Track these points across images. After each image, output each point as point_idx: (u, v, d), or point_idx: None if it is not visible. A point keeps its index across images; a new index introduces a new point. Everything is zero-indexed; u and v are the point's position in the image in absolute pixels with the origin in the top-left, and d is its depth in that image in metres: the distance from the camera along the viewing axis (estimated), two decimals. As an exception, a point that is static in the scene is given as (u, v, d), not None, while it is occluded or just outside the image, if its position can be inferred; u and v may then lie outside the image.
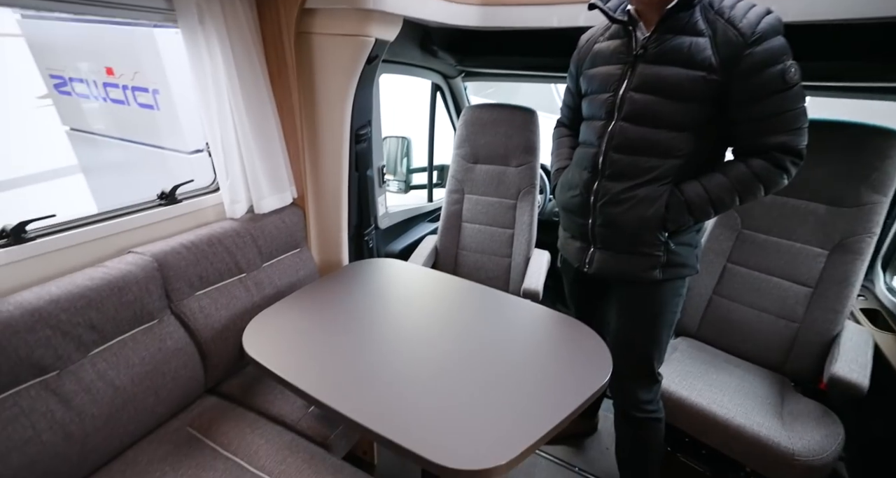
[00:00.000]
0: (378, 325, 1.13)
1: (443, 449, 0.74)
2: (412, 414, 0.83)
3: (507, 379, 0.93)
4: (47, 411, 0.84)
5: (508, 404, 0.86)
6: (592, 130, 1.05)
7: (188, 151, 1.76)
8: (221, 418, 1.10)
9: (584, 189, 1.05)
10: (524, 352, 1.03)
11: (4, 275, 0.84)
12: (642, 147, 0.96)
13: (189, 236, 1.14)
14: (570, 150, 1.22)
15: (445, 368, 0.96)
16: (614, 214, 1.01)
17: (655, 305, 1.07)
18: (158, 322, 1.05)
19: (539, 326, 1.15)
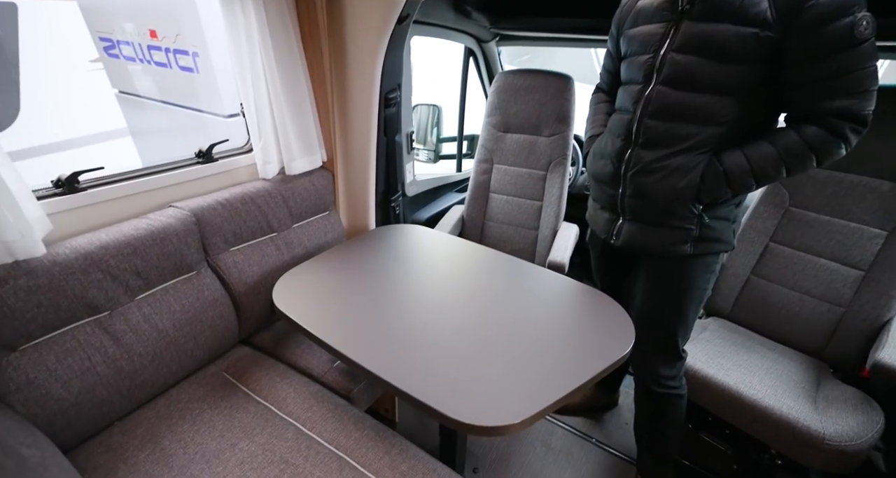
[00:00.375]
0: (403, 286, 1.15)
1: (459, 406, 0.76)
2: (432, 372, 0.85)
3: (526, 344, 0.93)
4: (101, 347, 0.93)
5: (526, 368, 0.87)
6: (628, 95, 0.99)
7: (225, 114, 1.81)
8: (254, 367, 1.17)
9: (615, 158, 1.00)
10: (546, 319, 1.03)
11: (60, 221, 0.91)
12: (680, 113, 0.90)
13: (224, 194, 1.19)
14: (606, 116, 1.16)
15: (466, 330, 0.98)
16: (645, 184, 0.96)
17: (684, 281, 1.02)
18: (196, 274, 1.12)
19: (563, 295, 1.13)
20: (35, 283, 0.82)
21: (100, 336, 0.93)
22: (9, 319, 0.79)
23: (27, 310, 0.82)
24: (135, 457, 0.91)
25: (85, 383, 0.90)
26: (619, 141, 1.00)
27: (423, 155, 2.21)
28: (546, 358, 0.90)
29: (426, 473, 0.91)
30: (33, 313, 0.83)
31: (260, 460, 0.92)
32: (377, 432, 1.00)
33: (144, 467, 0.89)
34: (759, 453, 1.23)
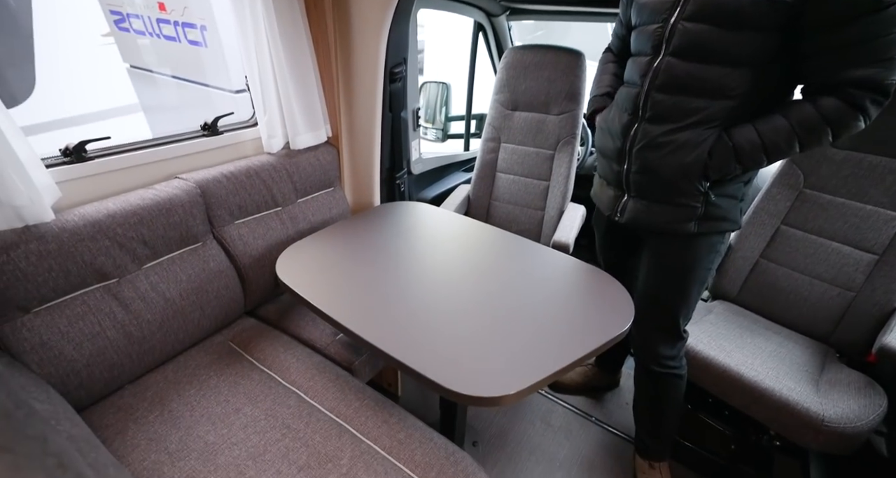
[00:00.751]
0: (406, 262, 1.16)
1: (457, 377, 0.77)
2: (432, 345, 0.86)
3: (526, 319, 0.94)
4: (110, 312, 0.96)
5: (524, 342, 0.88)
6: (637, 68, 0.95)
7: (233, 90, 1.81)
8: (258, 338, 1.20)
9: (621, 132, 0.98)
10: (546, 296, 1.03)
11: (68, 190, 0.93)
12: (689, 85, 0.86)
13: (229, 167, 1.20)
14: (613, 77, 1.13)
15: (467, 304, 0.99)
16: (651, 160, 0.94)
17: (688, 260, 1.01)
18: (202, 245, 1.14)
19: (564, 273, 1.13)
20: (45, 248, 0.85)
21: (109, 302, 0.96)
22: (21, 282, 0.82)
23: (38, 274, 0.85)
24: (144, 417, 0.95)
25: (96, 346, 0.93)
26: (625, 115, 0.97)
27: (432, 134, 2.19)
28: (544, 333, 0.90)
29: (423, 441, 0.93)
30: (44, 277, 0.85)
31: (263, 425, 0.95)
32: (377, 403, 1.02)
33: (154, 427, 0.93)
34: (757, 434, 1.23)
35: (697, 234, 0.97)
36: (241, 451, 0.89)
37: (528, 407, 1.54)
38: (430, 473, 0.87)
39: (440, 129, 2.19)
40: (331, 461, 0.88)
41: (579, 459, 1.37)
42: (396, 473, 0.86)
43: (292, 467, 0.86)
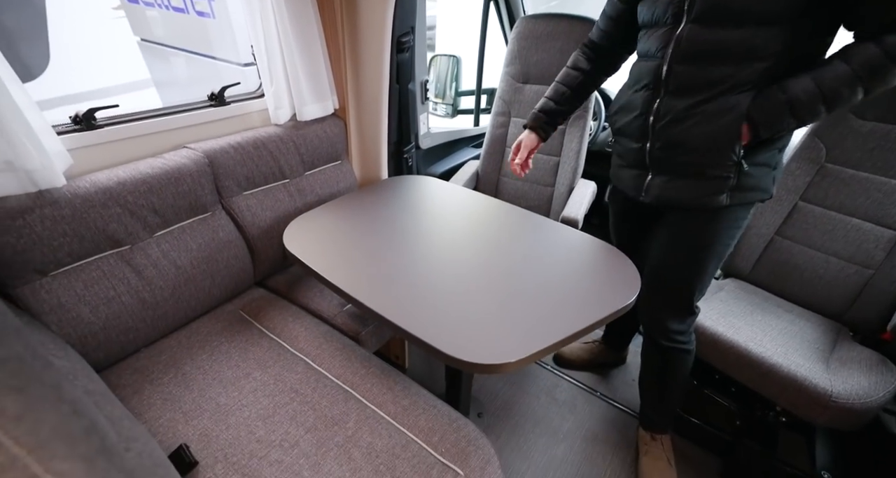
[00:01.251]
0: (413, 234, 1.16)
1: (460, 346, 0.78)
2: (437, 314, 0.87)
3: (531, 290, 0.94)
4: (124, 278, 0.99)
5: (528, 312, 0.88)
6: (654, 39, 0.90)
7: (241, 62, 1.80)
8: (268, 307, 1.23)
9: (642, 108, 0.93)
10: (552, 268, 1.02)
11: (79, 157, 0.94)
12: (716, 52, 0.81)
13: (237, 138, 1.20)
14: (564, 88, 1.13)
15: (473, 276, 0.99)
16: (676, 134, 0.89)
17: (709, 235, 0.98)
18: (211, 215, 1.16)
19: (571, 247, 1.12)
20: (59, 213, 0.87)
21: (122, 268, 0.99)
22: (38, 246, 0.85)
23: (54, 238, 0.87)
24: (159, 379, 0.99)
25: (111, 309, 0.96)
26: (645, 91, 0.93)
27: (441, 109, 2.15)
28: (549, 304, 0.90)
29: (427, 408, 0.95)
30: (59, 242, 0.88)
31: (272, 389, 0.98)
32: (382, 371, 1.04)
33: (168, 388, 0.97)
34: (763, 409, 1.23)
35: (726, 206, 0.93)
36: (251, 412, 0.92)
37: (533, 381, 1.56)
38: (434, 438, 0.89)
39: (450, 104, 2.15)
40: (337, 424, 0.91)
41: (583, 432, 1.38)
42: (400, 436, 0.89)
43: (300, 429, 0.89)
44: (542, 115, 1.18)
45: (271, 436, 0.88)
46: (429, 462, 0.84)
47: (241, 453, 0.85)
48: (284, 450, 0.85)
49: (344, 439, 0.88)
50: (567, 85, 1.15)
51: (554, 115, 1.18)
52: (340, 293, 0.95)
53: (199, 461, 0.82)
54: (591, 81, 1.16)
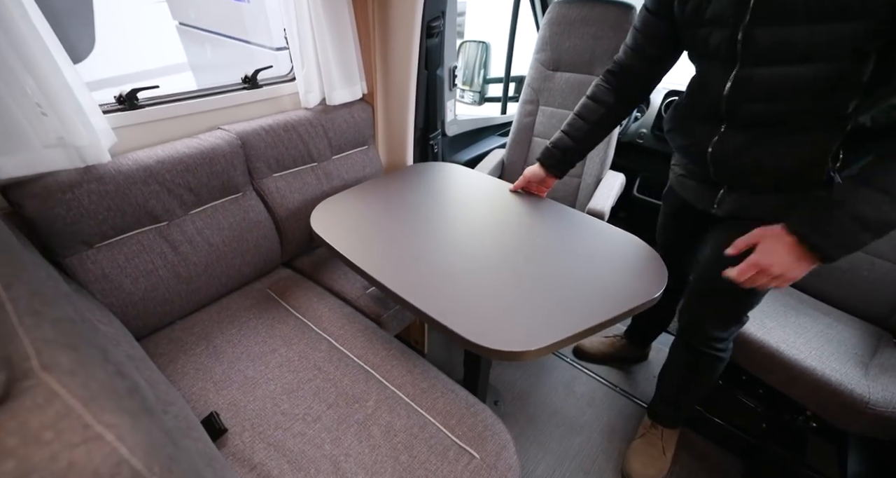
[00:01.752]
0: (438, 220, 1.15)
1: (481, 332, 0.78)
2: (459, 300, 0.86)
3: (555, 280, 0.92)
4: (162, 253, 1.04)
5: (551, 302, 0.86)
6: (708, 73, 0.82)
7: (274, 47, 1.83)
8: (294, 287, 1.27)
9: (700, 138, 0.86)
10: (576, 258, 1.00)
11: (122, 135, 0.99)
12: (780, 90, 0.73)
13: (268, 120, 1.23)
14: (581, 122, 1.03)
15: (496, 263, 0.98)
16: (742, 165, 0.82)
17: None
18: (242, 195, 1.19)
19: (597, 238, 1.09)
20: (104, 188, 0.92)
21: (160, 243, 1.04)
22: (85, 219, 0.90)
23: (99, 212, 0.92)
24: (192, 350, 1.04)
25: (150, 282, 1.02)
26: (703, 123, 0.85)
27: (469, 97, 2.12)
28: (572, 295, 0.89)
29: (445, 392, 0.96)
30: (104, 216, 0.93)
31: (296, 365, 1.01)
32: (402, 354, 1.06)
33: (200, 359, 1.02)
34: (792, 413, 1.19)
35: None
36: (276, 386, 0.96)
37: (551, 373, 1.56)
38: (451, 420, 0.90)
39: (478, 91, 2.12)
40: (357, 402, 0.93)
41: (601, 425, 1.37)
42: (418, 417, 0.90)
43: (322, 404, 0.92)
44: (556, 151, 1.09)
45: (295, 409, 0.91)
46: (445, 444, 0.86)
47: (266, 423, 0.88)
48: (307, 423, 0.89)
49: (364, 417, 0.90)
50: (585, 118, 1.04)
51: (569, 153, 1.09)
52: (364, 275, 0.96)
53: (228, 429, 0.86)
54: (615, 116, 1.05)
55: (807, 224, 0.70)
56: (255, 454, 0.83)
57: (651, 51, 0.94)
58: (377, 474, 0.81)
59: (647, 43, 0.93)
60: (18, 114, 0.76)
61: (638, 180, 1.97)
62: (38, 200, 0.84)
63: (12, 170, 0.78)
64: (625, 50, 0.99)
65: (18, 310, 0.41)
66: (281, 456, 0.83)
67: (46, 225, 0.86)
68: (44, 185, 0.85)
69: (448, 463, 0.82)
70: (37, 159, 0.81)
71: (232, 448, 0.84)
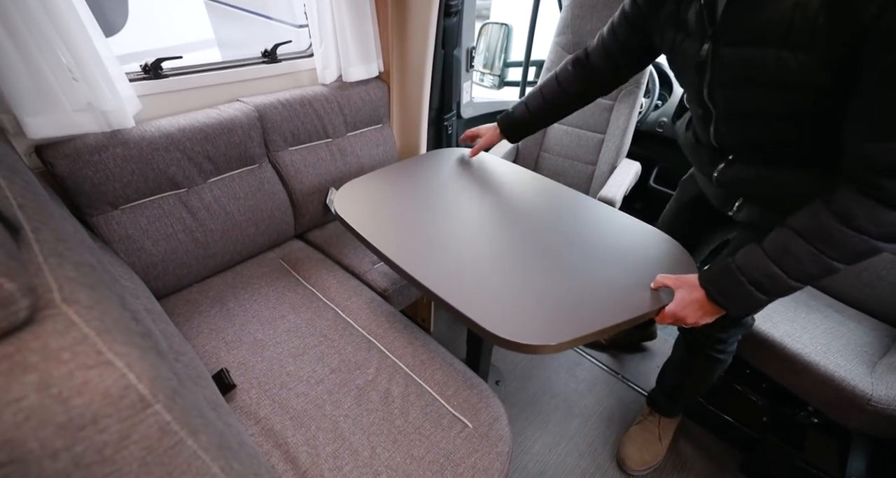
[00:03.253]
0: (459, 205, 1.10)
1: (496, 320, 0.74)
2: (475, 285, 0.82)
3: (576, 272, 0.87)
4: (181, 218, 1.09)
5: (572, 294, 0.81)
6: (693, 103, 0.82)
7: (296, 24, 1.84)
8: (305, 259, 1.31)
9: (706, 167, 0.86)
10: (599, 251, 0.94)
11: (147, 103, 1.03)
12: (761, 142, 0.74)
13: (285, 95, 1.25)
14: (542, 99, 1.02)
15: (515, 251, 0.93)
16: (752, 194, 0.83)
17: None
18: (258, 167, 1.23)
19: (621, 230, 1.02)
20: (129, 153, 0.97)
21: (180, 209, 1.09)
22: (110, 181, 0.95)
23: (123, 175, 0.97)
24: (207, 311, 1.09)
25: (170, 245, 1.07)
26: (707, 150, 0.85)
27: (489, 80, 2.10)
28: (594, 288, 0.83)
29: (444, 365, 0.99)
30: (128, 179, 0.98)
31: (303, 331, 1.06)
32: (405, 327, 1.09)
33: (214, 321, 1.07)
34: (794, 408, 1.17)
35: None
36: (283, 349, 1.01)
37: (555, 357, 1.57)
38: (448, 391, 0.93)
39: (497, 75, 2.09)
40: (359, 369, 0.97)
41: (600, 410, 1.39)
42: (416, 386, 0.94)
43: (325, 369, 0.97)
44: (516, 121, 1.08)
45: (300, 372, 0.96)
46: (440, 412, 0.89)
47: (272, 382, 0.93)
48: (310, 385, 0.93)
49: (364, 383, 0.94)
50: (549, 101, 1.02)
51: (527, 125, 1.09)
52: (380, 255, 0.92)
53: (237, 385, 0.92)
54: (570, 104, 1.04)
55: (711, 282, 0.72)
56: (261, 409, 0.88)
57: (622, 61, 0.93)
58: (373, 434, 0.84)
59: (622, 53, 0.92)
60: (51, 77, 0.81)
61: (655, 170, 1.93)
62: (68, 160, 0.89)
63: (44, 129, 0.83)
64: (598, 48, 0.95)
65: (44, 250, 0.45)
66: (284, 413, 0.87)
67: (75, 185, 0.91)
68: (73, 146, 0.90)
69: (441, 429, 0.86)
70: (67, 121, 0.86)
71: (239, 402, 0.89)
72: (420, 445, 0.83)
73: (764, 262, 0.65)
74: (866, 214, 0.58)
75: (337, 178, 1.40)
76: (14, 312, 0.34)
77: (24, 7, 0.75)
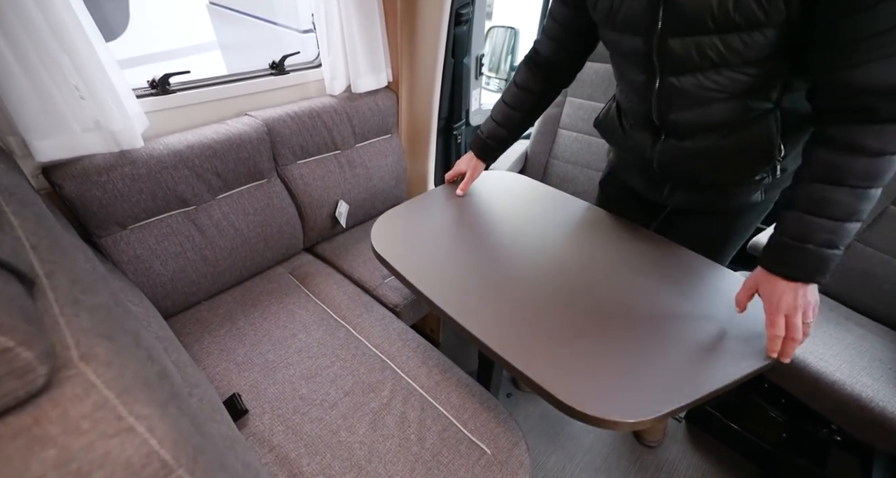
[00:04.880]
0: (509, 241, 0.99)
1: (574, 390, 0.63)
2: (529, 338, 0.73)
3: (643, 325, 0.75)
4: (189, 236, 1.07)
5: (643, 353, 0.70)
6: (630, 88, 0.80)
7: (301, 29, 1.82)
8: (314, 273, 1.29)
9: (641, 148, 0.86)
10: (668, 300, 0.81)
11: (154, 120, 1.01)
12: (703, 98, 0.72)
13: (294, 107, 1.23)
14: (514, 112, 0.99)
15: (568, 296, 0.82)
16: (689, 170, 0.83)
17: (735, 229, 0.93)
18: (267, 181, 1.21)
19: (691, 274, 0.88)
20: (137, 172, 0.94)
21: (188, 227, 1.06)
22: (119, 201, 0.93)
23: (132, 195, 0.95)
24: (217, 331, 1.07)
25: (178, 264, 1.05)
26: (641, 131, 0.85)
27: (494, 84, 2.07)
28: (668, 350, 0.71)
29: (459, 386, 0.97)
30: (136, 199, 0.96)
31: (315, 351, 1.04)
32: (418, 345, 1.07)
33: (224, 340, 1.05)
34: (816, 425, 1.15)
35: (759, 202, 0.87)
36: (295, 371, 0.99)
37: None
38: (464, 415, 0.91)
39: (503, 79, 2.07)
40: (373, 391, 0.95)
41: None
42: (432, 410, 0.92)
43: (339, 391, 0.95)
44: (492, 142, 1.05)
45: (313, 395, 0.94)
46: (458, 437, 0.87)
47: (285, 407, 0.91)
48: (324, 409, 0.91)
49: (379, 406, 0.92)
50: (518, 108, 1.01)
51: (504, 143, 1.06)
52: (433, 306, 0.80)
53: (249, 410, 0.90)
54: (542, 103, 1.03)
55: (781, 265, 0.67)
56: (275, 436, 0.86)
57: (573, 46, 0.90)
58: (389, 463, 0.83)
59: (569, 37, 0.89)
60: (58, 97, 0.79)
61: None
62: (76, 181, 0.87)
63: (53, 152, 0.81)
64: (545, 41, 0.93)
65: (59, 299, 0.42)
66: (298, 439, 0.86)
67: (83, 206, 0.89)
68: (81, 167, 0.88)
69: (459, 456, 0.84)
70: (75, 142, 0.84)
71: (252, 429, 0.87)
72: (438, 473, 0.81)
73: (809, 220, 0.64)
74: (875, 138, 0.58)
75: (345, 190, 1.38)
76: (32, 380, 0.32)
77: (29, 25, 0.72)
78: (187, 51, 2.54)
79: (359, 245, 1.42)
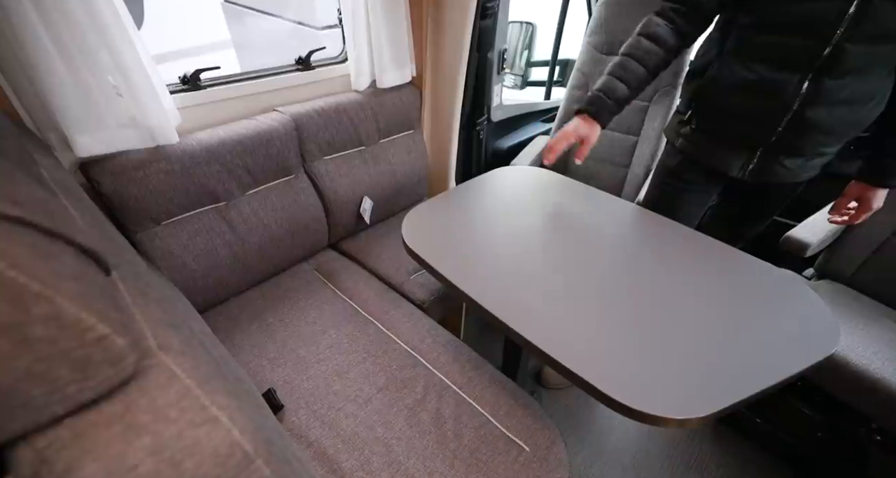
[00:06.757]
0: (542, 235, 0.99)
1: (618, 383, 0.63)
2: (578, 334, 0.72)
3: (686, 324, 0.74)
4: (220, 232, 1.06)
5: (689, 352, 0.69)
6: (809, 11, 0.75)
7: (320, 26, 1.81)
8: (340, 269, 1.28)
9: (781, 91, 0.81)
10: (718, 298, 0.80)
11: (186, 115, 1.00)
12: None
13: (320, 103, 1.22)
14: (638, 66, 0.89)
15: (606, 290, 0.83)
16: (818, 119, 0.81)
17: (776, 206, 1.04)
18: (295, 177, 1.21)
19: (727, 267, 0.88)
20: (171, 168, 0.94)
21: (219, 223, 1.06)
22: (154, 197, 0.93)
23: (166, 191, 0.94)
24: (247, 327, 1.07)
25: (210, 260, 1.05)
26: (786, 72, 0.80)
27: (510, 80, 2.05)
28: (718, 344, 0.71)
29: (491, 382, 0.96)
30: (170, 195, 0.95)
31: (346, 347, 1.03)
32: (447, 341, 1.06)
33: (255, 337, 1.05)
34: (854, 424, 1.13)
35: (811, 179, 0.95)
36: (327, 367, 0.99)
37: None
38: (500, 411, 0.90)
39: (519, 75, 2.05)
40: (406, 387, 0.95)
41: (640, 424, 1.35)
42: (467, 406, 0.91)
43: (372, 388, 0.94)
44: (608, 100, 0.92)
45: (347, 391, 0.93)
46: (495, 434, 0.86)
47: (320, 402, 0.91)
48: (359, 405, 0.91)
49: (413, 402, 0.91)
50: (643, 62, 0.89)
51: (623, 101, 0.94)
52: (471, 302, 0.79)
53: (285, 405, 0.89)
54: (666, 62, 0.92)
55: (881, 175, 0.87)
56: (311, 432, 0.86)
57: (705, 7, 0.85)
58: (427, 459, 0.82)
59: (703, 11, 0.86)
60: (97, 93, 0.78)
61: (679, 160, 1.87)
62: (113, 177, 0.87)
63: (93, 147, 0.81)
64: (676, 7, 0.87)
65: (130, 290, 0.42)
66: (335, 435, 0.85)
67: (120, 202, 0.89)
68: (118, 163, 0.88)
69: (498, 453, 0.83)
70: (112, 138, 0.83)
71: (289, 424, 0.87)
72: (477, 470, 0.80)
73: None
74: None
75: (370, 185, 1.37)
76: (123, 368, 0.32)
77: (71, 21, 0.72)
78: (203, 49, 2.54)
79: (383, 241, 1.41)
